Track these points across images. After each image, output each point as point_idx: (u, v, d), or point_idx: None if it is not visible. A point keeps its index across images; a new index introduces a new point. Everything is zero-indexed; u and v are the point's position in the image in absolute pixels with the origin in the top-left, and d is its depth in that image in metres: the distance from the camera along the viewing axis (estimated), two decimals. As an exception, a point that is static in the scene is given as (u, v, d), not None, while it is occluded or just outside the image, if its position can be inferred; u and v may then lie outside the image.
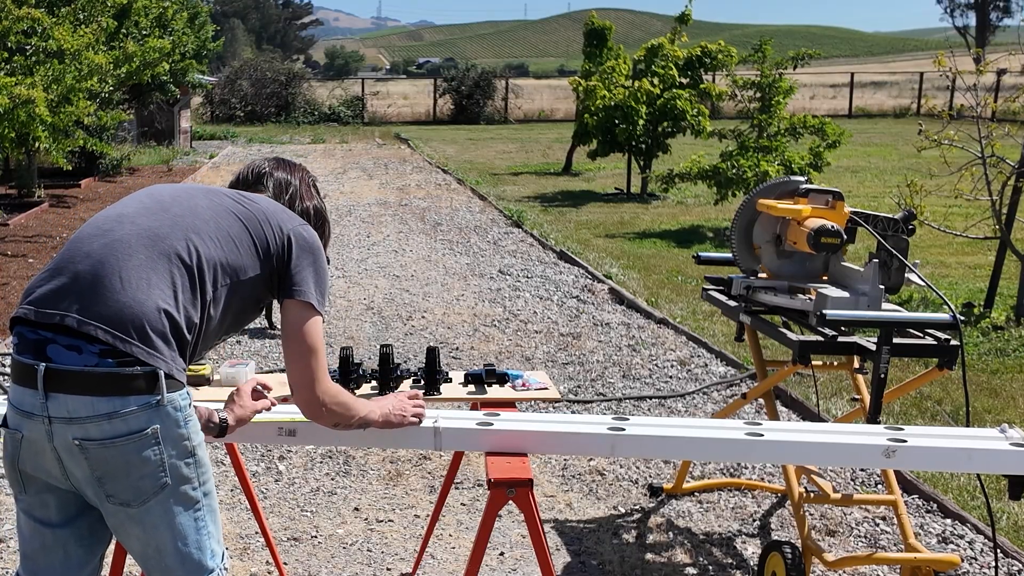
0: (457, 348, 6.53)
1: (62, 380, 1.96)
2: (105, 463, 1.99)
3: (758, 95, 11.12)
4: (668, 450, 2.81)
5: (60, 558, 2.14)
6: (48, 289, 2.06)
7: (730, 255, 3.80)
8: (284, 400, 2.66)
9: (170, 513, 2.06)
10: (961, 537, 3.88)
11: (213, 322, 2.15)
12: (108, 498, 2.03)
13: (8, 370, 2.11)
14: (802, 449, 2.62)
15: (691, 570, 3.65)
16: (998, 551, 3.61)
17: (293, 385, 2.22)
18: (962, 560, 3.63)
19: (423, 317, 7.30)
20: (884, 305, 3.24)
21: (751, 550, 3.80)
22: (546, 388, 3.07)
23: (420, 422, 2.52)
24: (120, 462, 2.00)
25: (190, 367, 2.73)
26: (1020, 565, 3.62)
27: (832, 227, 3.32)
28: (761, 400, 4.65)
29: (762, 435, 2.56)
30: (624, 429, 2.58)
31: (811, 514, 4.06)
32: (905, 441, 2.54)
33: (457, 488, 4.30)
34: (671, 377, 5.95)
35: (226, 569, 2.18)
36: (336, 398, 2.26)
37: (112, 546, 2.38)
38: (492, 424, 2.58)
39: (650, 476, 4.49)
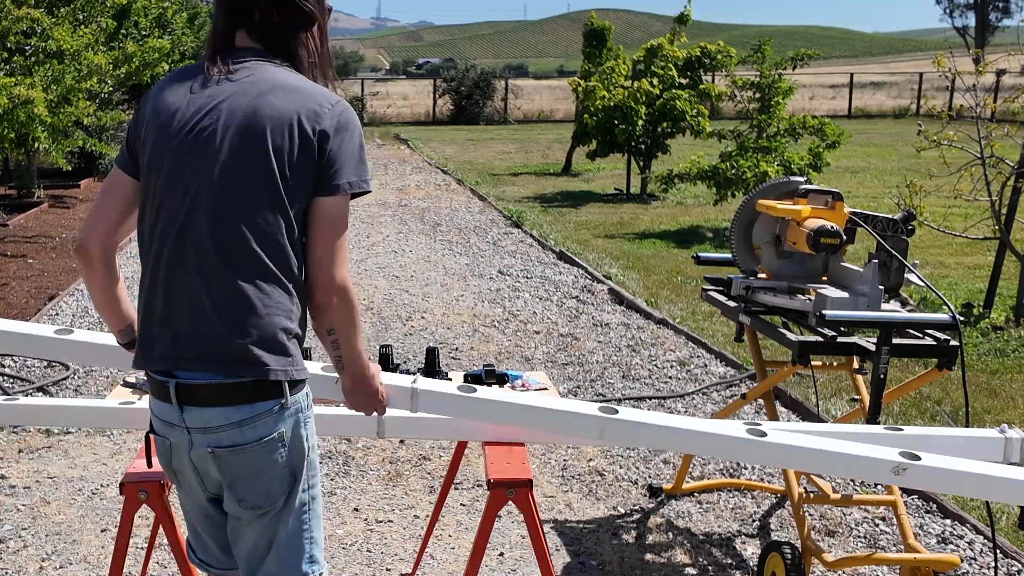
0: (457, 348, 6.53)
1: (194, 394, 2.00)
2: (238, 469, 2.03)
3: (757, 96, 11.13)
4: (660, 439, 2.56)
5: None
6: None
7: (730, 255, 3.80)
8: None
9: (284, 513, 2.09)
10: (960, 537, 3.88)
11: None
12: (239, 503, 2.06)
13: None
14: (805, 455, 2.48)
15: (691, 570, 3.65)
16: (998, 551, 3.61)
17: (312, 265, 2.03)
18: (962, 560, 3.63)
19: (423, 317, 7.31)
20: (884, 306, 3.24)
21: (751, 550, 3.80)
22: (545, 388, 3.07)
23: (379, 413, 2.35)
24: (250, 467, 2.03)
25: None
26: (1020, 565, 3.63)
27: (831, 227, 3.32)
28: (761, 400, 4.66)
29: (765, 434, 2.47)
30: (616, 412, 2.48)
31: (811, 514, 4.07)
32: (919, 459, 2.43)
33: (457, 488, 4.30)
34: (671, 377, 5.96)
35: None
36: (350, 293, 2.05)
37: (113, 545, 2.38)
38: (475, 391, 2.48)
39: (650, 476, 4.49)
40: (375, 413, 2.30)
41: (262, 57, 2.07)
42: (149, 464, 2.16)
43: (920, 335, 3.28)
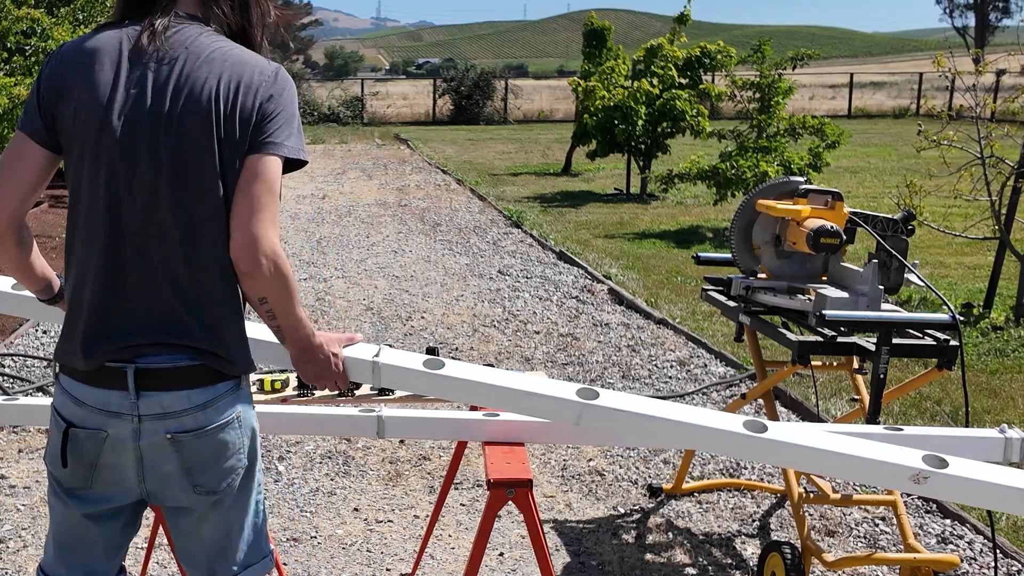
0: (456, 348, 6.53)
1: (156, 378, 1.93)
2: (197, 453, 1.97)
3: (757, 96, 11.13)
4: (646, 431, 2.31)
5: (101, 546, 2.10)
6: None
7: (730, 255, 3.80)
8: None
9: (242, 497, 2.06)
10: (960, 537, 3.89)
11: None
12: (195, 488, 1.99)
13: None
14: (810, 455, 2.28)
15: (691, 570, 3.65)
16: (997, 551, 3.61)
17: (233, 225, 1.89)
18: (961, 560, 3.63)
19: (422, 317, 7.31)
20: (883, 305, 3.24)
21: (751, 550, 3.80)
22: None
23: (337, 391, 2.24)
24: (210, 450, 1.97)
25: None
26: (1019, 565, 3.63)
27: (831, 227, 3.32)
28: (761, 400, 4.66)
29: (766, 428, 2.28)
30: (597, 396, 2.27)
31: (810, 514, 4.07)
32: (946, 465, 2.17)
33: (457, 488, 4.30)
34: (670, 377, 5.96)
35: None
36: (280, 258, 1.89)
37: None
38: (443, 366, 2.32)
39: (650, 476, 4.49)
40: (336, 385, 2.14)
41: (191, 20, 1.95)
42: (64, 463, 1.97)
43: (920, 335, 3.28)
